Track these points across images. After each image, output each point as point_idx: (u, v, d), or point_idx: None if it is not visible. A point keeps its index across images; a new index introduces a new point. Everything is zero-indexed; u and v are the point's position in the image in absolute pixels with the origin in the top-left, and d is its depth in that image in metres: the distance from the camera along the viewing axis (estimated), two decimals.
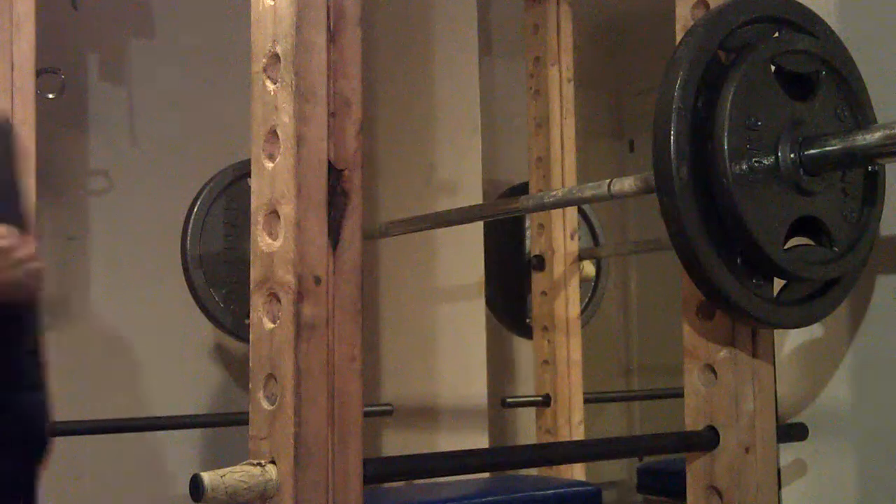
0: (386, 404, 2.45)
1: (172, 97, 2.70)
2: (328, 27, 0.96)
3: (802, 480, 1.50)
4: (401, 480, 1.08)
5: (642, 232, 3.91)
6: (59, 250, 2.58)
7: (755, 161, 1.17)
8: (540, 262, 2.55)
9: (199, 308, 2.40)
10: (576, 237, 2.57)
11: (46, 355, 1.46)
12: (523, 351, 2.99)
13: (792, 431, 1.47)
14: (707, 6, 1.27)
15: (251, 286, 0.97)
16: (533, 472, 2.16)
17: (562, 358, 2.52)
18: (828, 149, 1.21)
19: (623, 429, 4.01)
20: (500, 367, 3.15)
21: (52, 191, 2.47)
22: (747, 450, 1.25)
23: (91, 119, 2.63)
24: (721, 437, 1.26)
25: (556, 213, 2.52)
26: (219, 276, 2.40)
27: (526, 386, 2.82)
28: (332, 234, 0.95)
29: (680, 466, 1.32)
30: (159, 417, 2.43)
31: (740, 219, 1.15)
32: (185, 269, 2.38)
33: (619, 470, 3.75)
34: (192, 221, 2.37)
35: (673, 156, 1.14)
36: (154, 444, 2.62)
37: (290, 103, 0.94)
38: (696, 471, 1.29)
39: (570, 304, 2.54)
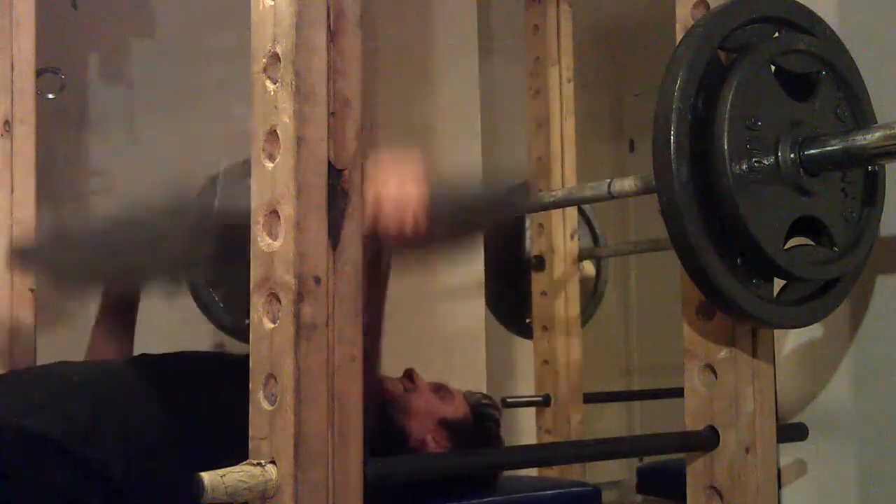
0: None
1: (173, 97, 2.70)
2: (328, 27, 0.96)
3: (802, 480, 1.50)
4: (401, 480, 1.08)
5: (642, 232, 3.91)
6: None
7: (755, 161, 1.17)
8: (540, 262, 2.55)
9: (199, 308, 2.39)
10: (576, 237, 2.57)
11: None
12: (523, 351, 2.99)
13: (792, 431, 1.47)
14: (707, 6, 1.27)
15: (251, 286, 0.97)
16: (533, 472, 2.16)
17: (562, 358, 2.52)
18: (828, 149, 1.21)
19: (623, 429, 4.01)
20: (500, 367, 3.15)
21: (52, 191, 2.46)
22: (747, 450, 1.25)
23: (91, 119, 2.63)
24: (721, 437, 1.26)
25: (556, 213, 2.52)
26: (219, 276, 2.39)
27: (526, 386, 2.82)
28: (332, 234, 0.95)
29: (680, 466, 1.32)
30: None
31: (740, 219, 1.15)
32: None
33: (619, 470, 3.75)
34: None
35: (673, 156, 1.14)
36: None
37: (290, 103, 0.94)
38: (696, 471, 1.29)
39: (570, 304, 2.54)
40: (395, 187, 1.25)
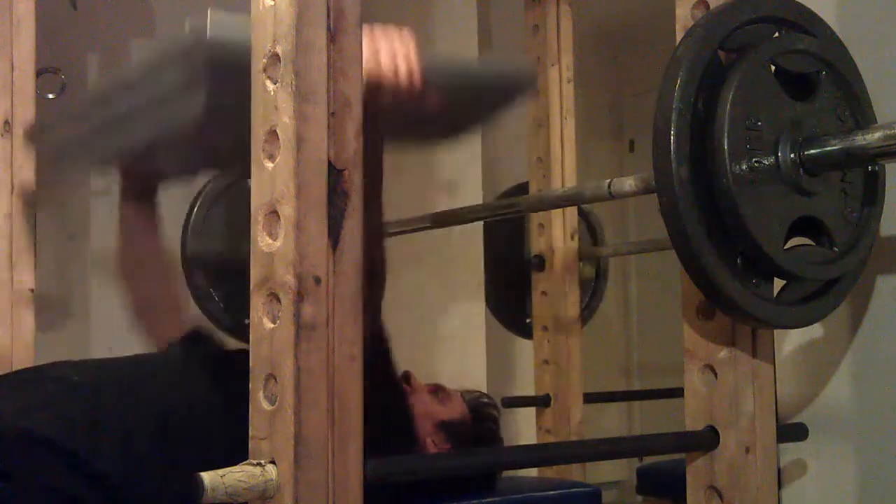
0: None
1: None
2: (328, 27, 0.96)
3: (802, 480, 1.50)
4: (401, 480, 1.08)
5: (642, 232, 3.92)
6: (59, 250, 2.58)
7: (755, 161, 1.18)
8: (540, 262, 2.55)
9: (199, 308, 2.39)
10: (576, 237, 2.57)
11: None
12: (523, 351, 2.99)
13: (792, 431, 1.47)
14: (707, 6, 1.27)
15: (251, 286, 0.97)
16: (533, 472, 2.16)
17: (562, 358, 2.52)
18: (828, 149, 1.21)
19: (623, 429, 4.01)
20: (500, 367, 3.15)
21: (52, 191, 2.46)
22: (747, 450, 1.25)
23: None
24: (721, 437, 1.26)
25: (556, 213, 2.52)
26: (219, 276, 2.39)
27: (526, 386, 2.82)
28: (332, 234, 0.95)
29: (680, 466, 1.32)
30: None
31: (740, 219, 1.15)
32: (185, 269, 2.38)
33: (619, 470, 3.75)
34: (192, 221, 2.37)
35: (673, 156, 1.14)
36: None
37: (290, 103, 0.94)
38: (696, 471, 1.29)
39: (570, 304, 2.54)
40: (388, 51, 1.22)
